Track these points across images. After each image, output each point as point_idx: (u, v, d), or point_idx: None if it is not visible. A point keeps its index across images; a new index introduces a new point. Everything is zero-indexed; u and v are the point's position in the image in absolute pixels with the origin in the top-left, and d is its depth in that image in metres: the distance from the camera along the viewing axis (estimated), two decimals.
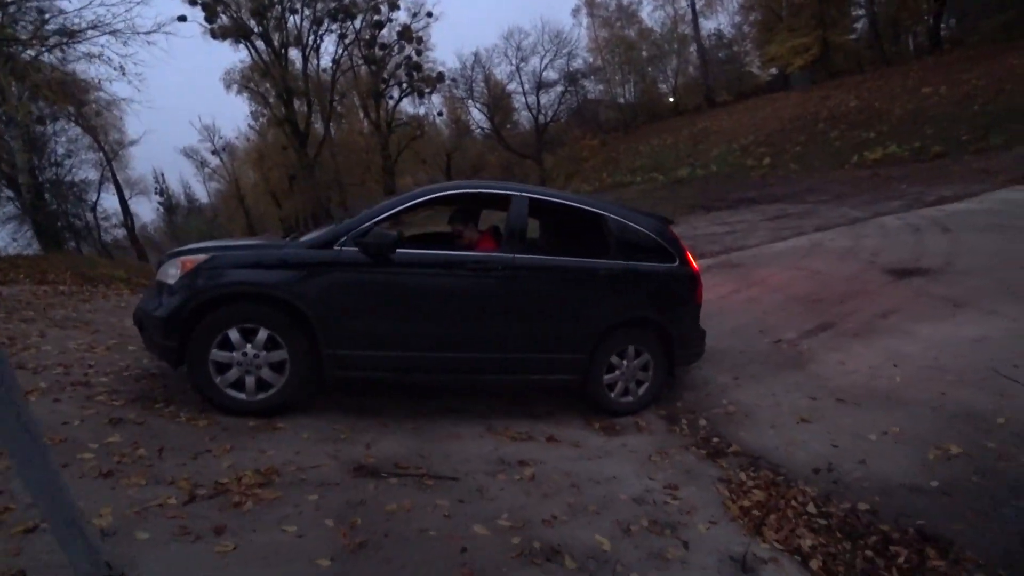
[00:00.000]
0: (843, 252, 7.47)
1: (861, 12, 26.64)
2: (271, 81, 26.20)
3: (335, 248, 3.15)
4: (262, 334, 3.02)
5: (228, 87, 28.66)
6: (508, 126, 35.09)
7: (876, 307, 5.23)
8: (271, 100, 28.15)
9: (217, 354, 2.98)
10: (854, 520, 2.59)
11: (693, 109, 31.01)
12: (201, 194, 47.86)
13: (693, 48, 33.17)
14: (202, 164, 41.40)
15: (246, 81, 27.90)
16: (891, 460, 3.02)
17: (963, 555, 2.35)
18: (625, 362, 3.73)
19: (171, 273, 3.06)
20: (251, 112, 32.49)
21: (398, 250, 3.16)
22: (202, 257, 3.06)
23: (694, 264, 4.00)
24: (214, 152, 39.27)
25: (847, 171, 16.07)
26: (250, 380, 3.03)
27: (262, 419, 3.06)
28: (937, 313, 4.88)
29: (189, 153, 40.43)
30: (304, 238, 3.32)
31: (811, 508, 2.67)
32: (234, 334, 2.98)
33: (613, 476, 2.84)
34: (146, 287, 7.48)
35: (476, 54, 32.40)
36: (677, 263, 3.89)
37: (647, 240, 3.82)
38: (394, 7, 28.24)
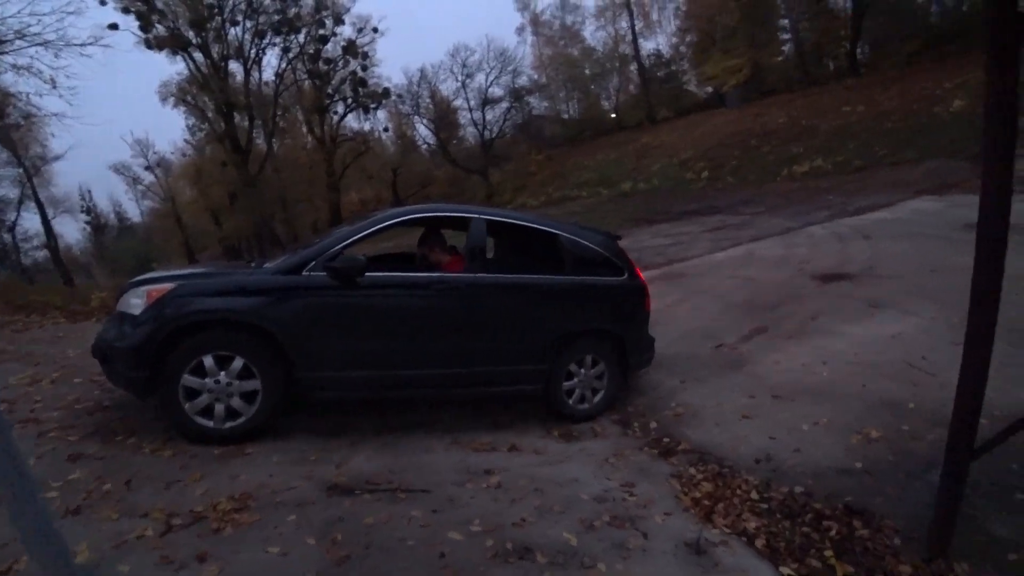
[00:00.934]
0: (776, 260, 8.04)
1: (788, 36, 28.61)
2: (210, 94, 25.25)
3: (304, 273, 3.21)
4: (237, 362, 3.04)
5: (164, 100, 27.41)
6: (454, 142, 35.34)
7: (806, 310, 5.70)
8: (210, 114, 27.16)
9: (189, 379, 2.97)
10: (791, 502, 2.87)
11: (635, 125, 32.20)
12: (133, 213, 45.41)
13: (634, 67, 34.56)
14: (134, 181, 39.22)
15: (183, 94, 26.79)
16: (821, 447, 3.35)
17: (884, 524, 2.67)
18: (583, 370, 3.96)
19: (135, 303, 3.05)
20: (188, 126, 31.24)
21: (366, 273, 3.26)
22: (168, 286, 3.05)
23: (641, 276, 4.29)
24: (148, 168, 37.39)
25: (779, 183, 17.19)
26: (219, 408, 3.04)
27: (230, 445, 3.05)
28: (859, 314, 5.38)
29: (120, 169, 38.13)
30: (271, 264, 3.36)
31: (754, 495, 2.94)
32: (209, 361, 2.99)
33: (574, 478, 3.02)
34: (84, 314, 7.17)
35: (422, 70, 32.59)
36: (626, 276, 4.17)
37: (597, 256, 4.09)
38: (339, 22, 28.05)
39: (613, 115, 35.70)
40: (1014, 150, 2.07)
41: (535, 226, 4.02)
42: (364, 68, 29.61)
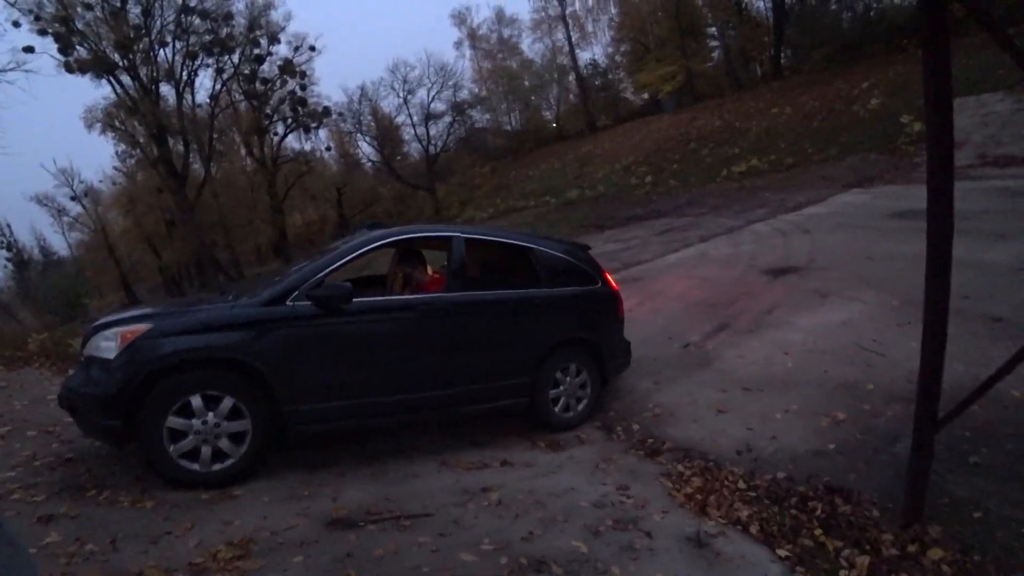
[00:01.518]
0: (726, 259, 8.43)
1: (716, 43, 30.11)
2: (140, 119, 24.05)
3: (289, 303, 3.14)
4: (227, 402, 2.93)
5: (90, 127, 25.84)
6: (399, 158, 35.10)
7: (761, 305, 6.01)
8: (141, 139, 25.85)
9: (174, 421, 2.84)
10: (776, 488, 3.03)
11: (576, 134, 32.95)
12: (60, 246, 42.44)
13: (572, 77, 35.40)
14: (59, 212, 36.62)
15: (111, 119, 25.30)
16: (795, 433, 3.56)
17: (861, 498, 2.87)
18: (568, 378, 4.05)
19: (106, 346, 2.90)
20: (118, 153, 29.42)
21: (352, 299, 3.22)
22: (142, 327, 2.92)
23: (612, 283, 4.43)
24: (74, 198, 35.01)
25: (719, 184, 17.97)
26: (206, 450, 2.92)
27: (215, 490, 2.92)
28: (809, 304, 5.73)
29: (43, 200, 35.51)
30: (252, 296, 3.26)
31: (741, 484, 3.09)
32: (197, 401, 2.87)
33: (571, 487, 3.08)
34: (22, 360, 6.67)
35: (362, 87, 32.22)
36: (599, 284, 4.30)
37: (570, 266, 4.20)
38: (274, 41, 27.42)
39: (554, 125, 36.45)
40: (952, 133, 2.27)
41: (510, 241, 4.10)
42: (303, 87, 29.04)
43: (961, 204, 8.12)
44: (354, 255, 3.44)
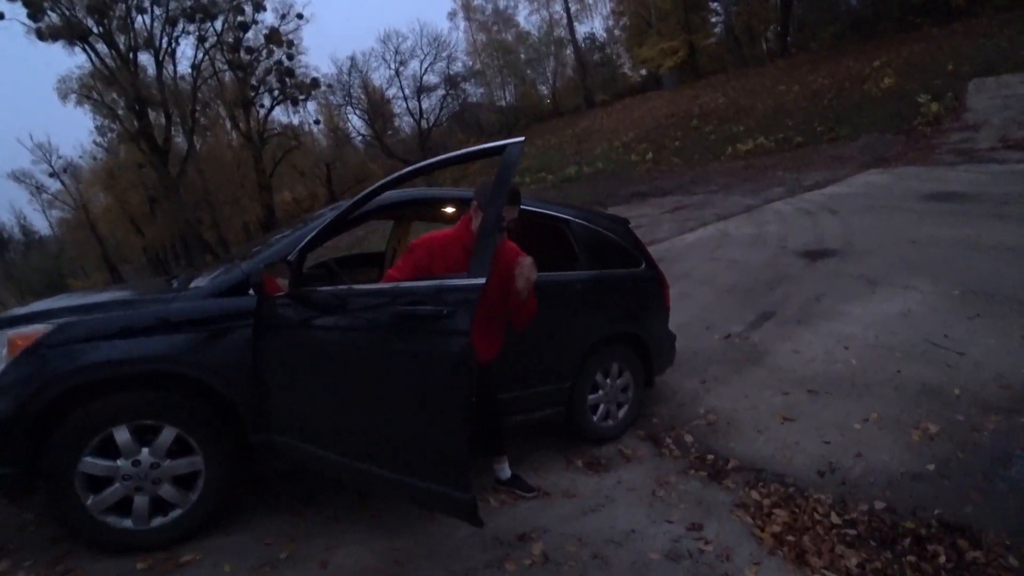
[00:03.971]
0: (752, 239, 7.83)
1: (719, 18, 29.14)
2: (119, 90, 22.80)
3: (251, 293, 2.32)
4: (167, 434, 2.15)
5: (64, 97, 24.62)
6: (390, 133, 34.10)
7: (805, 292, 5.43)
8: (120, 112, 24.62)
9: (91, 463, 2.06)
10: (880, 524, 2.48)
11: (572, 110, 32.04)
12: (41, 225, 41.03)
13: (569, 51, 34.29)
14: (39, 189, 35.25)
15: (87, 90, 24.09)
16: (882, 448, 3.00)
17: (989, 539, 2.32)
18: (609, 381, 3.36)
19: None
20: (97, 127, 28.27)
21: (338, 287, 2.31)
22: (41, 328, 2.07)
23: (656, 265, 3.79)
24: (52, 175, 33.69)
25: (723, 162, 17.32)
26: (140, 500, 2.14)
27: (158, 553, 2.18)
28: (859, 292, 5.15)
29: (20, 177, 34.13)
30: (198, 282, 2.51)
31: (834, 518, 2.53)
32: (123, 435, 2.09)
33: (631, 530, 2.47)
34: None
35: (352, 59, 31.17)
36: (643, 266, 3.64)
37: (611, 243, 3.50)
38: (259, 7, 26.08)
39: (548, 101, 35.44)
40: None
41: (544, 211, 3.23)
42: (290, 57, 27.85)
43: (995, 187, 7.53)
44: (343, 219, 2.43)
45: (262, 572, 2.12)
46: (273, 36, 26.95)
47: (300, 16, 27.55)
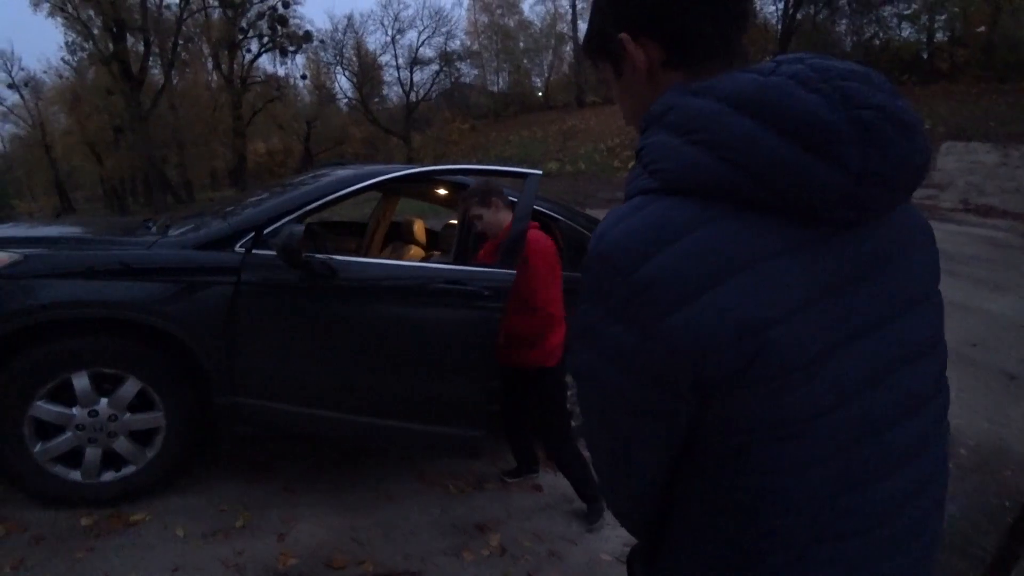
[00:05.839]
0: None
1: None
2: (96, 7, 21.53)
3: (238, 250, 2.20)
4: (130, 386, 2.07)
5: (36, 5, 23.06)
6: (376, 100, 33.47)
7: None
8: (96, 31, 23.24)
9: (44, 409, 2.00)
10: None
11: (563, 106, 32.14)
12: None
13: (569, 47, 34.32)
14: None
15: (61, 1, 22.66)
16: None
17: None
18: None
19: None
20: (67, 43, 26.50)
21: (337, 258, 2.26)
22: (6, 258, 1.95)
23: None
24: (11, 86, 31.52)
25: None
26: (92, 452, 2.08)
27: (104, 509, 2.11)
28: None
29: None
30: (180, 231, 2.38)
31: None
32: (82, 381, 2.01)
33: (587, 530, 2.60)
34: None
35: (349, 18, 30.62)
36: None
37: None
38: None
39: (540, 93, 35.44)
40: None
41: (539, 209, 3.04)
42: (285, 5, 26.83)
43: (951, 247, 8.13)
44: (341, 192, 2.41)
45: (216, 539, 2.10)
46: None
47: None
